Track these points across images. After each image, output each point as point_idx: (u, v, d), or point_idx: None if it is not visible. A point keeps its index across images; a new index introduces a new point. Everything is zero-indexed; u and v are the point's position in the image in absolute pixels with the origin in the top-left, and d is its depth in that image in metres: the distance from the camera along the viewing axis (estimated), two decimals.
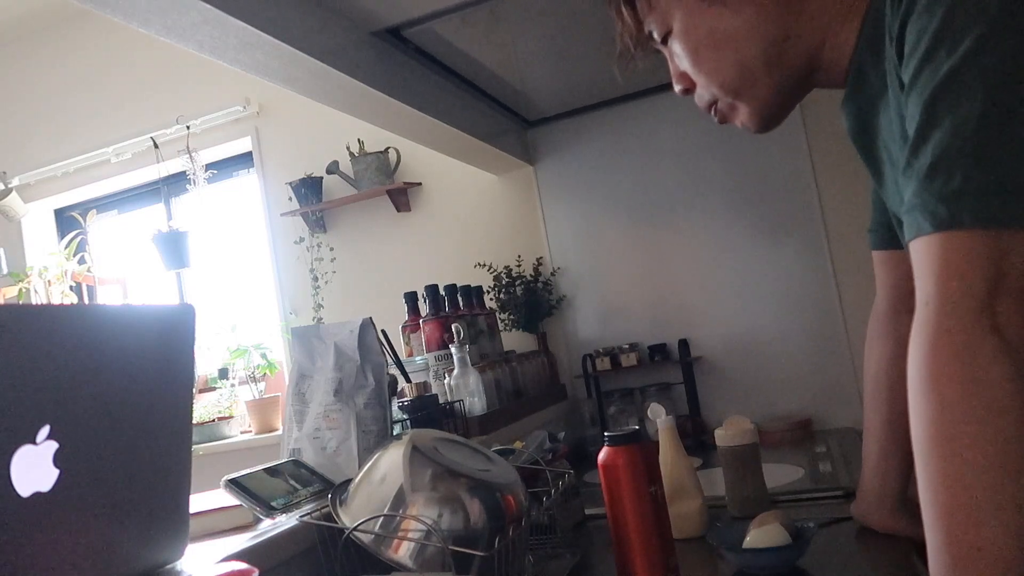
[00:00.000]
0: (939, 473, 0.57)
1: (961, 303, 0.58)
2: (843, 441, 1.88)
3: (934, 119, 0.62)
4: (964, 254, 0.59)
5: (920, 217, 0.62)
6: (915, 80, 0.65)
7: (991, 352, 0.56)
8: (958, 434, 0.57)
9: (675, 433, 1.31)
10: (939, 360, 0.59)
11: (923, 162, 0.63)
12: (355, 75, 1.49)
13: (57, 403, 0.67)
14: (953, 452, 0.57)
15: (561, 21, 1.69)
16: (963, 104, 0.60)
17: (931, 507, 0.58)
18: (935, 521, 0.58)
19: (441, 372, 1.78)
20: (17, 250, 3.21)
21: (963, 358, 0.57)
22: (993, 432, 0.55)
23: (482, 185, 2.52)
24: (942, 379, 0.58)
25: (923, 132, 0.63)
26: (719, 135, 2.24)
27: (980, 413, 0.56)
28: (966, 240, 0.59)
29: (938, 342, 0.59)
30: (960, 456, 0.56)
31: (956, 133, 0.60)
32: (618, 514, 1.00)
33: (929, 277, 0.61)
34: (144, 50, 2.96)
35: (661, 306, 2.30)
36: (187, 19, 1.16)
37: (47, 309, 1.03)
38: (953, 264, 0.59)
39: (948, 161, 0.61)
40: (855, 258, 2.10)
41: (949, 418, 0.57)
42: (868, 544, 1.13)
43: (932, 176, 0.61)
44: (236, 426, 2.85)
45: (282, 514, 1.04)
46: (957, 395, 0.57)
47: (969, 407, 0.56)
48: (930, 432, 0.59)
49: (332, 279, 2.71)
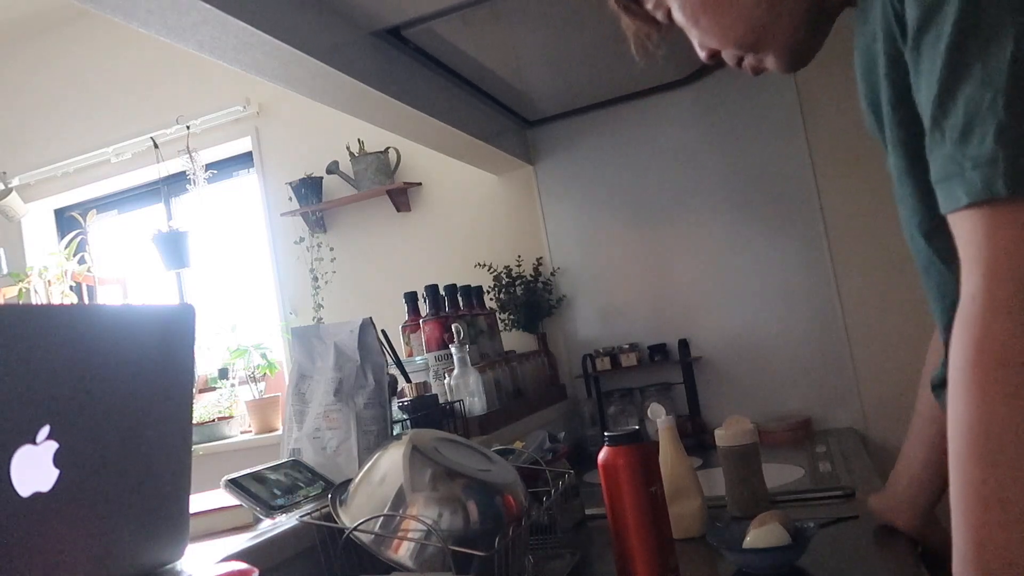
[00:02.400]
0: (975, 485, 0.54)
1: (1009, 302, 0.53)
2: (843, 441, 1.88)
3: (961, 68, 0.55)
4: (1009, 232, 0.53)
5: (956, 186, 0.55)
6: (928, 21, 0.58)
7: None
8: (999, 447, 0.53)
9: (675, 433, 1.31)
10: (985, 365, 0.54)
11: (954, 122, 0.56)
12: (355, 75, 1.49)
13: (57, 403, 0.67)
14: (992, 464, 0.53)
15: (561, 21, 1.69)
16: (992, 49, 0.54)
17: (963, 519, 0.55)
18: (965, 532, 0.55)
19: (441, 372, 1.78)
20: (17, 250, 3.21)
21: (1011, 366, 0.53)
22: None
23: (482, 185, 2.52)
24: (987, 386, 0.54)
25: (949, 85, 0.56)
26: (719, 135, 2.24)
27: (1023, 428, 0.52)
28: (1008, 214, 0.53)
29: (984, 345, 0.54)
30: (999, 470, 0.53)
31: (988, 83, 0.54)
32: (618, 514, 1.00)
33: (974, 265, 0.55)
34: (144, 50, 2.96)
35: (661, 306, 2.30)
36: (187, 19, 1.16)
37: (47, 309, 1.03)
38: (999, 246, 0.53)
39: (982, 119, 0.54)
40: (855, 258, 2.10)
41: (991, 430, 0.53)
42: (868, 544, 1.13)
43: (966, 138, 0.55)
44: (236, 426, 2.84)
45: (282, 514, 1.04)
46: (1001, 407, 0.53)
47: (1012, 421, 0.52)
48: (968, 440, 0.55)
49: (332, 279, 2.71)
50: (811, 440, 1.96)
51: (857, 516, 1.23)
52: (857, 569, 1.07)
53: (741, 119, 2.21)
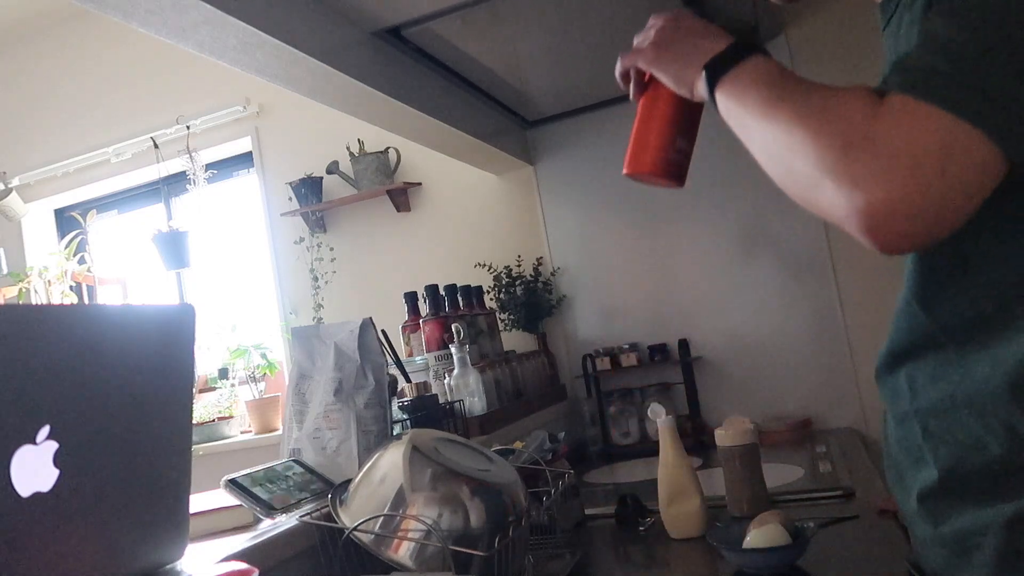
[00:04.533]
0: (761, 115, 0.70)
1: (867, 142, 0.59)
2: (843, 441, 1.88)
3: (945, 30, 0.62)
4: (920, 121, 0.58)
5: (896, 76, 0.62)
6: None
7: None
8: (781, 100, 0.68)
9: (675, 433, 1.31)
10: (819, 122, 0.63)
11: (919, 43, 0.62)
12: (355, 75, 1.49)
13: (57, 403, 0.67)
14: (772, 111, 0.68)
15: (561, 21, 1.69)
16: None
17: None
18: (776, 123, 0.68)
19: (441, 372, 1.78)
20: (17, 250, 3.21)
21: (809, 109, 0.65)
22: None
23: (482, 185, 2.52)
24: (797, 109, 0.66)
25: (934, 34, 0.62)
26: (719, 135, 2.24)
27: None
28: (926, 113, 0.58)
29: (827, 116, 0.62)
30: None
31: (965, 43, 0.60)
32: (660, 90, 0.93)
33: (881, 110, 0.60)
34: (144, 50, 2.96)
35: (661, 306, 2.30)
36: (187, 19, 1.16)
37: (47, 309, 1.03)
38: (906, 124, 0.59)
39: (943, 50, 0.60)
40: (855, 258, 2.10)
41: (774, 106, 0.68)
42: (868, 544, 1.13)
43: (921, 51, 0.61)
44: (236, 426, 2.84)
45: (282, 514, 1.04)
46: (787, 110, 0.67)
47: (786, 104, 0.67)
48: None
49: (332, 279, 2.71)
50: (811, 440, 1.96)
51: (857, 516, 1.23)
52: (857, 569, 1.08)
53: None
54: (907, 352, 0.73)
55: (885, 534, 1.13)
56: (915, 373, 0.72)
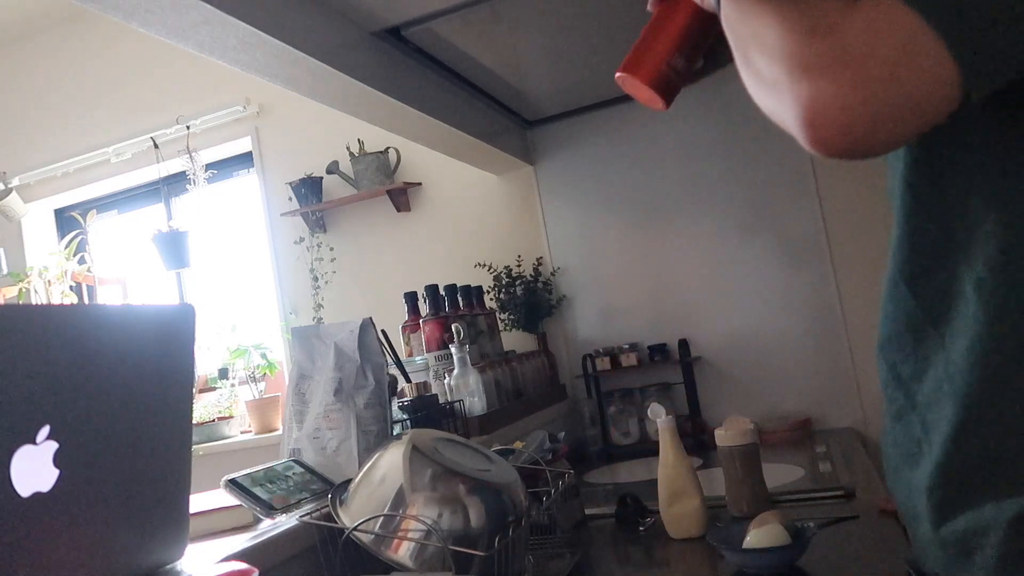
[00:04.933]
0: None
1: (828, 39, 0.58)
2: (843, 441, 1.88)
3: None
4: (885, 16, 0.56)
5: None
6: None
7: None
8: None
9: (675, 433, 1.31)
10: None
11: None
12: (355, 75, 1.49)
13: (57, 403, 0.67)
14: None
15: (561, 21, 1.69)
16: None
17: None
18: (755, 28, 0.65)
19: (441, 372, 1.78)
20: (17, 250, 3.21)
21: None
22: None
23: (482, 185, 2.52)
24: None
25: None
26: (719, 135, 2.25)
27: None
28: (896, 11, 0.56)
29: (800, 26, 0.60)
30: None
31: None
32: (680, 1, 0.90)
33: (858, 12, 0.58)
34: (144, 50, 2.96)
35: (661, 306, 2.30)
36: (187, 19, 1.16)
37: (47, 309, 1.03)
38: (872, 16, 0.57)
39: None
40: (855, 258, 2.10)
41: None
42: (868, 544, 1.13)
43: None
44: (236, 426, 2.84)
45: (282, 514, 1.04)
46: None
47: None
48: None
49: (332, 279, 2.71)
50: (811, 440, 1.96)
51: (857, 516, 1.23)
52: (857, 569, 1.08)
53: (741, 119, 2.21)
54: (897, 336, 0.72)
55: (885, 534, 1.13)
56: (904, 359, 0.71)
